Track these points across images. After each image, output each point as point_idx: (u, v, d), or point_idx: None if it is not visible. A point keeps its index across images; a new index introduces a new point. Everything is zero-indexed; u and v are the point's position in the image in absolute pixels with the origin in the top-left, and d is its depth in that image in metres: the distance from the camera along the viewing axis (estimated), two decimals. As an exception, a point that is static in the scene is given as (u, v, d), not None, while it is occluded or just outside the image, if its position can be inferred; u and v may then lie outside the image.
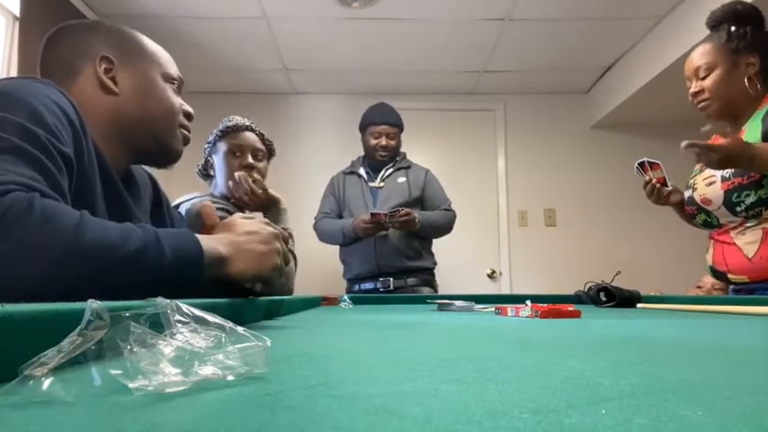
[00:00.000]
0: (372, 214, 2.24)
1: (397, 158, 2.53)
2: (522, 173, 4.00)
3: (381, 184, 2.46)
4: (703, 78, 1.48)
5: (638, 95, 3.39)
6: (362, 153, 2.59)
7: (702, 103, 1.50)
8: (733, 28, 1.42)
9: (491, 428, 0.21)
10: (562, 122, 4.04)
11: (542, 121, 4.04)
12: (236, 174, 1.54)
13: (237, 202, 1.55)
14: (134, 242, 0.61)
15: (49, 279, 0.53)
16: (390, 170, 2.48)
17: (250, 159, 1.60)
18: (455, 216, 2.51)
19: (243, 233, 0.79)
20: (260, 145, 1.64)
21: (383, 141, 2.44)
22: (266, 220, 0.85)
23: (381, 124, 2.45)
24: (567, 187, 3.98)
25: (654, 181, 1.58)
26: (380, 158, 2.45)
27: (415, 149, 2.78)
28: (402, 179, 2.47)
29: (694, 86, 1.51)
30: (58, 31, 0.90)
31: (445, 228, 2.48)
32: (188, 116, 0.98)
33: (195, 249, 0.68)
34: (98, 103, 0.86)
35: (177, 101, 0.95)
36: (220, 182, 1.62)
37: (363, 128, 2.51)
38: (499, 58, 3.48)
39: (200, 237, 0.71)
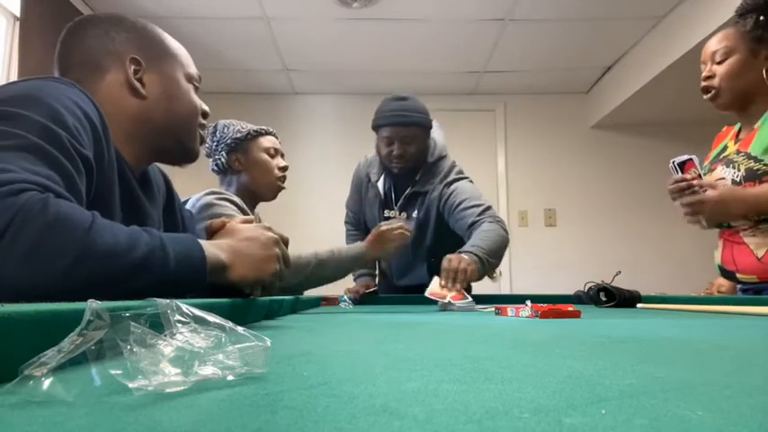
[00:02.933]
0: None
1: (417, 177, 1.90)
2: (522, 173, 4.00)
3: (394, 214, 1.94)
4: (719, 63, 1.43)
5: (638, 95, 3.39)
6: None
7: (711, 91, 1.44)
8: (762, 18, 1.37)
9: (491, 428, 0.21)
10: (562, 123, 4.04)
11: (542, 121, 4.04)
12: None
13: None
14: (141, 248, 0.61)
15: (57, 282, 0.53)
16: (408, 195, 1.93)
17: (284, 162, 1.75)
18: (496, 224, 1.77)
19: (243, 239, 0.79)
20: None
21: (396, 150, 1.82)
22: (267, 224, 0.85)
23: (390, 126, 1.83)
24: (568, 187, 3.99)
25: (690, 179, 1.45)
26: (397, 172, 1.87)
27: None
28: (415, 214, 1.91)
29: (707, 71, 1.46)
30: (82, 24, 0.89)
31: (504, 246, 1.76)
32: (205, 115, 0.98)
33: (199, 256, 0.69)
34: (124, 105, 0.86)
35: (198, 101, 0.96)
36: (259, 176, 1.69)
37: (375, 130, 1.91)
38: (499, 58, 3.48)
39: (202, 243, 0.71)
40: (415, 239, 1.83)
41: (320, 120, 4.03)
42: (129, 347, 0.28)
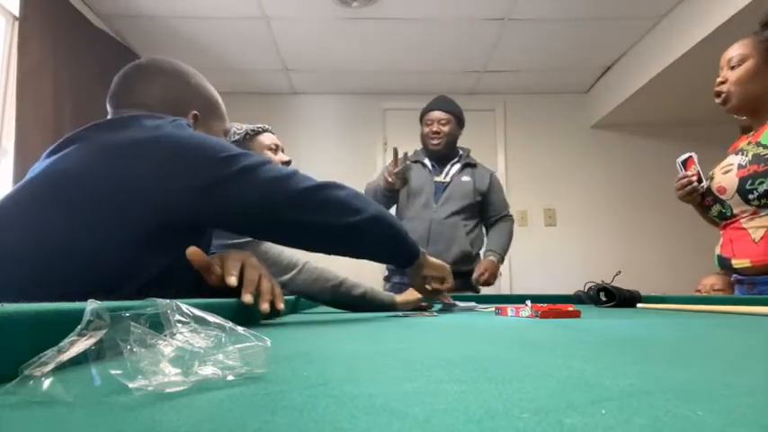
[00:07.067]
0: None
1: (461, 153, 2.49)
2: (522, 173, 3.99)
3: (447, 180, 2.42)
4: (733, 68, 1.49)
5: (638, 95, 3.39)
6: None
7: (721, 95, 1.51)
8: None
9: (491, 428, 0.21)
10: (562, 122, 4.04)
11: (542, 121, 4.04)
12: None
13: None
14: (397, 225, 1.03)
15: (353, 227, 0.95)
16: (457, 166, 2.45)
17: (286, 156, 1.78)
18: (513, 222, 2.52)
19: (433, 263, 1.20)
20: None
21: (435, 127, 2.41)
22: None
23: (433, 111, 2.44)
24: (567, 187, 3.98)
25: (691, 175, 1.56)
26: (432, 146, 2.41)
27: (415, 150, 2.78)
28: (467, 178, 2.43)
29: (722, 76, 1.52)
30: (155, 67, 1.01)
31: (511, 239, 2.47)
32: None
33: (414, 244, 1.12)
34: None
35: None
36: None
37: (420, 120, 2.50)
38: (499, 58, 3.48)
39: None
40: (471, 197, 2.40)
41: (320, 120, 4.02)
42: (129, 347, 0.28)
